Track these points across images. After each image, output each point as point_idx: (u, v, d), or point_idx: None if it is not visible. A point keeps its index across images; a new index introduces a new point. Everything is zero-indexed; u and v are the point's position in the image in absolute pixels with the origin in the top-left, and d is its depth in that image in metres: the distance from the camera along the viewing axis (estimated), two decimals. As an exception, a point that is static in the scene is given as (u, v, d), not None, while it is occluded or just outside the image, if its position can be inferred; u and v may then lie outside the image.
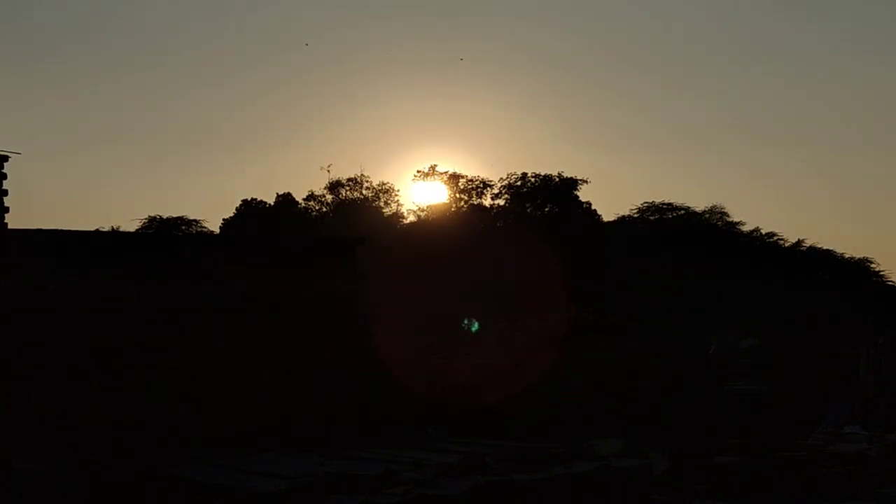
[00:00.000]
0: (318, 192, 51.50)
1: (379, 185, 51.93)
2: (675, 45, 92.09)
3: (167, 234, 37.34)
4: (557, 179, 49.93)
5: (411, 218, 50.51)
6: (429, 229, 45.95)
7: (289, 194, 50.27)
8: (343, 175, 51.65)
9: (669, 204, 47.25)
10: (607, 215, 49.54)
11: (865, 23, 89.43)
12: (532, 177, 50.27)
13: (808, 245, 47.30)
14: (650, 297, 37.26)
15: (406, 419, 29.33)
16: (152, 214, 39.53)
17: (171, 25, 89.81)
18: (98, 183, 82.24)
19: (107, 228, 38.91)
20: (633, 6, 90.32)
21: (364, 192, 51.78)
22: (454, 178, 50.57)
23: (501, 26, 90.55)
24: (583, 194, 50.36)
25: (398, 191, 52.06)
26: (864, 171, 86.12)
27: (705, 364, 33.55)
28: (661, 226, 45.45)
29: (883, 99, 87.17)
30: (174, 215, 40.00)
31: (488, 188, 50.99)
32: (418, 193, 51.84)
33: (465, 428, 28.89)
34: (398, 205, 51.88)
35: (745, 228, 47.76)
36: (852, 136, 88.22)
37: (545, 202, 49.89)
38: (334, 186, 51.50)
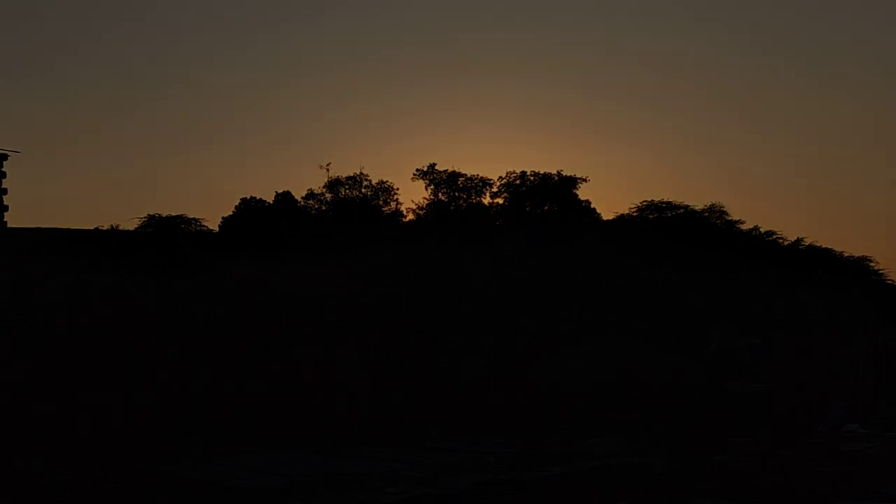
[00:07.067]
0: (317, 190, 51.43)
1: (378, 184, 51.87)
2: (675, 44, 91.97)
3: (167, 232, 37.30)
4: (557, 178, 49.94)
5: (410, 216, 50.56)
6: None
7: (288, 193, 50.14)
8: (342, 173, 51.62)
9: (669, 202, 47.27)
10: (606, 214, 49.61)
11: (866, 22, 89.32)
12: (531, 175, 50.29)
13: (807, 244, 47.30)
14: (650, 295, 37.21)
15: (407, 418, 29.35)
16: (152, 213, 39.35)
17: (171, 24, 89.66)
18: (97, 182, 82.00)
19: (106, 227, 38.80)
20: (632, 4, 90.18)
21: (363, 190, 51.71)
22: (453, 176, 50.60)
23: (501, 25, 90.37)
24: (582, 193, 50.43)
25: (398, 189, 52.00)
26: (864, 171, 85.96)
27: (705, 363, 33.51)
28: (661, 224, 45.39)
29: (883, 98, 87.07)
30: (173, 214, 39.86)
31: (487, 187, 51.00)
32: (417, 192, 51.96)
33: (465, 427, 28.94)
34: (398, 203, 51.82)
35: (745, 227, 47.81)
36: (852, 135, 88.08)
37: (544, 201, 49.88)
38: (333, 185, 51.43)
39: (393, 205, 51.53)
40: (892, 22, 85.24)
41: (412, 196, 53.72)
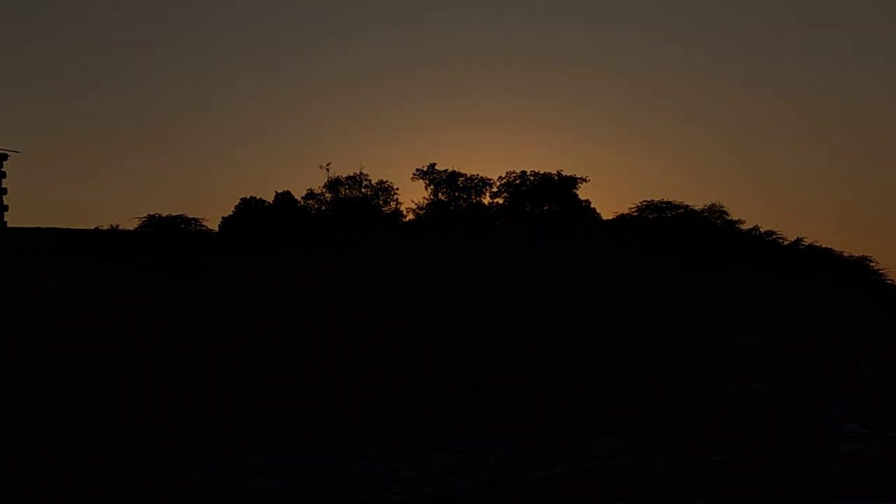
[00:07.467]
0: (317, 190, 51.44)
1: (378, 184, 51.88)
2: (674, 44, 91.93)
3: (167, 232, 37.33)
4: (557, 178, 49.96)
5: (410, 216, 50.57)
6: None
7: (288, 193, 50.15)
8: (342, 173, 51.62)
9: (669, 202, 47.33)
10: (606, 214, 49.65)
11: (866, 23, 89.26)
12: (531, 175, 50.30)
13: (807, 244, 47.36)
14: (650, 295, 37.24)
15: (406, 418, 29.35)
16: (152, 213, 39.38)
17: (171, 24, 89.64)
18: (97, 182, 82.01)
19: (106, 227, 38.83)
20: (632, 5, 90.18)
21: (363, 190, 51.71)
22: (453, 176, 50.58)
23: (501, 25, 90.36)
24: (582, 193, 50.45)
25: (398, 189, 52.02)
26: (864, 171, 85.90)
27: (705, 362, 33.53)
28: (661, 224, 45.42)
29: (882, 98, 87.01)
30: (173, 214, 39.89)
31: (487, 187, 51.01)
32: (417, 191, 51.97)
33: (465, 427, 28.95)
34: (398, 203, 51.83)
35: (745, 227, 47.87)
36: (852, 135, 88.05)
37: (544, 201, 49.89)
38: (333, 185, 51.43)
39: (393, 205, 51.48)
40: (892, 22, 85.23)
41: (412, 196, 53.68)
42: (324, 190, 51.20)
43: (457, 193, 50.39)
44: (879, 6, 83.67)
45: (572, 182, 50.36)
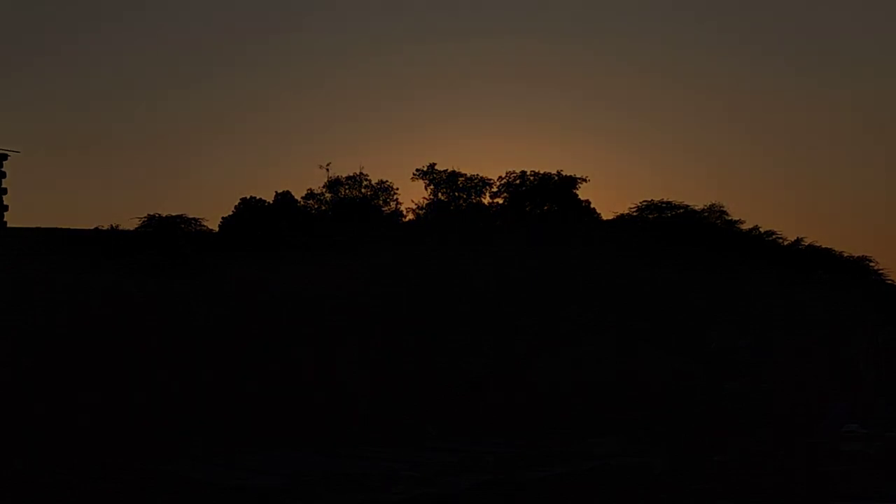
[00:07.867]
0: (317, 190, 51.48)
1: (378, 184, 51.90)
2: (675, 44, 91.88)
3: (167, 232, 37.33)
4: (557, 178, 50.00)
5: (410, 216, 50.58)
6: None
7: (288, 193, 50.16)
8: (342, 173, 51.65)
9: (669, 202, 47.36)
10: (606, 214, 49.67)
11: (865, 22, 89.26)
12: (531, 175, 50.34)
13: (807, 244, 47.39)
14: (650, 295, 37.23)
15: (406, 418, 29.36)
16: (152, 213, 39.41)
17: (171, 24, 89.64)
18: (97, 182, 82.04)
19: (106, 227, 38.85)
20: (632, 5, 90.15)
21: (363, 190, 51.73)
22: (453, 176, 50.60)
23: (501, 26, 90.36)
24: (582, 193, 50.49)
25: (398, 189, 52.05)
26: (864, 171, 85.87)
27: (705, 362, 33.54)
28: (661, 224, 45.44)
29: (883, 97, 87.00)
30: (173, 214, 39.91)
31: (487, 186, 51.04)
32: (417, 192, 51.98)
33: (465, 427, 28.96)
34: (398, 203, 51.86)
35: (745, 227, 47.91)
36: (852, 135, 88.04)
37: (544, 201, 49.94)
38: (333, 185, 51.47)
39: (393, 205, 51.49)
40: (892, 21, 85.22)
41: (412, 196, 53.75)
42: (324, 190, 51.20)
43: (457, 193, 50.37)
44: (878, 7, 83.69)
45: (572, 182, 50.35)
